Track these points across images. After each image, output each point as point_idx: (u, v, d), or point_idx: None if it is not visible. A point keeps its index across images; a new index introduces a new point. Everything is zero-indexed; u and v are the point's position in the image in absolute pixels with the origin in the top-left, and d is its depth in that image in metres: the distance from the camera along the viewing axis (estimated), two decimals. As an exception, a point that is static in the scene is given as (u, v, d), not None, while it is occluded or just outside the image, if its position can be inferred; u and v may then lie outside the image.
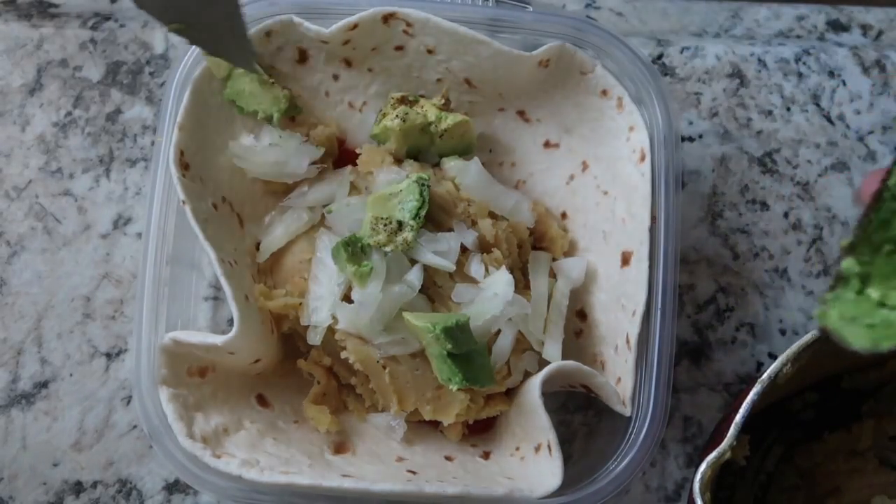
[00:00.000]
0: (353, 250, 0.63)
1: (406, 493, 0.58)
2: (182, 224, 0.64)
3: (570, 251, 0.72)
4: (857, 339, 0.37)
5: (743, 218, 0.78)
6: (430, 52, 0.68)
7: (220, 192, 0.68)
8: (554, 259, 0.71)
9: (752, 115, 0.80)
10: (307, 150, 0.68)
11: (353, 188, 0.69)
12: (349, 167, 0.71)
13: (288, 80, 0.70)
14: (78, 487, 0.72)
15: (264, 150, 0.68)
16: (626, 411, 0.63)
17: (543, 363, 0.65)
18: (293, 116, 0.70)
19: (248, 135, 0.69)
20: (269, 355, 0.67)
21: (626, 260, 0.66)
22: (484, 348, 0.63)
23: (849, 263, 0.39)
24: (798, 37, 0.84)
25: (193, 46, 0.66)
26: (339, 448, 0.67)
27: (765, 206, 0.78)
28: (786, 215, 0.78)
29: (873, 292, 0.38)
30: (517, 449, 0.65)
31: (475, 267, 0.65)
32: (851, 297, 0.39)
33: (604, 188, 0.69)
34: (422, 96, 0.70)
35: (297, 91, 0.71)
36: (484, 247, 0.67)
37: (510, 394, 0.68)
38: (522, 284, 0.68)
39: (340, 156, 0.73)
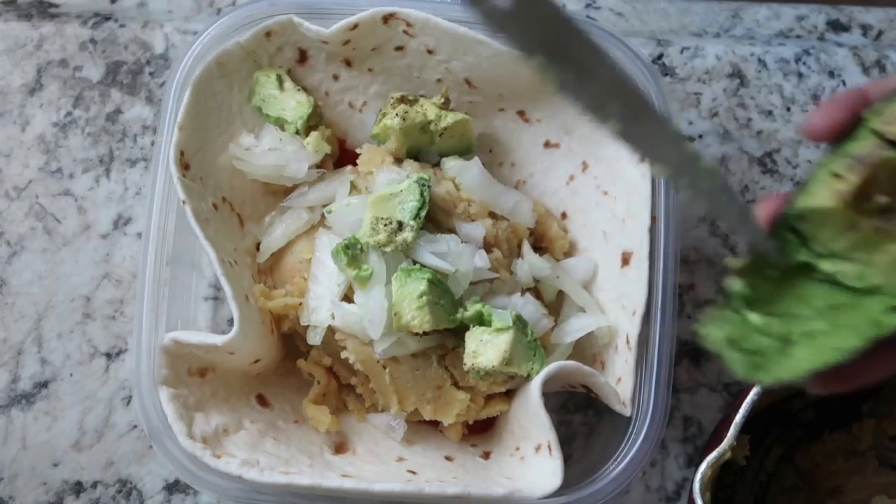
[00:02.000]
0: (353, 253, 0.63)
1: (406, 494, 0.58)
2: (182, 224, 0.64)
3: (570, 251, 0.72)
4: (736, 364, 0.38)
5: (743, 218, 0.78)
6: (430, 52, 0.68)
7: (220, 192, 0.68)
8: (557, 259, 0.71)
9: (752, 116, 0.80)
10: (307, 153, 0.68)
11: (353, 188, 0.69)
12: (349, 167, 0.71)
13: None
14: (78, 487, 0.72)
15: (264, 154, 0.68)
16: (626, 411, 0.63)
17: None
18: (315, 124, 0.70)
19: (248, 134, 0.69)
20: (269, 355, 0.67)
21: (626, 260, 0.66)
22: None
23: (734, 283, 0.39)
24: (798, 37, 0.84)
25: (193, 46, 0.66)
26: (339, 448, 0.67)
27: (765, 206, 0.78)
28: (786, 215, 0.78)
29: (754, 317, 0.39)
30: (517, 449, 0.65)
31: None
32: (734, 317, 0.39)
33: (604, 188, 0.69)
34: (422, 96, 0.70)
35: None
36: (484, 247, 0.67)
37: (510, 394, 0.68)
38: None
39: (340, 156, 0.73)
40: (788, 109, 0.81)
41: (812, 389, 0.39)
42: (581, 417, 0.74)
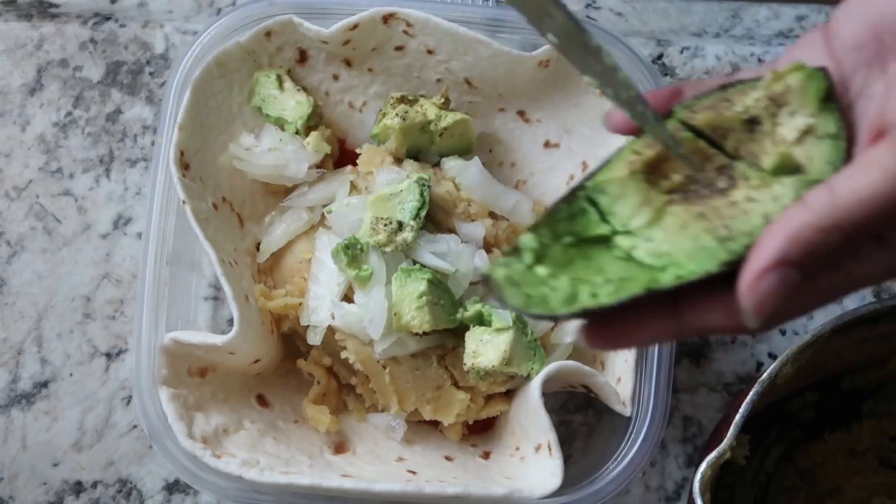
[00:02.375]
0: (353, 253, 0.63)
1: (406, 494, 0.58)
2: (182, 224, 0.64)
3: (570, 251, 0.72)
4: (512, 298, 0.38)
5: (743, 218, 0.78)
6: (430, 52, 0.68)
7: (220, 192, 0.68)
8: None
9: (752, 115, 0.80)
10: (307, 153, 0.68)
11: (353, 188, 0.69)
12: (349, 167, 0.71)
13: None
14: (78, 487, 0.72)
15: (264, 154, 0.68)
16: (626, 411, 0.63)
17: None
18: (315, 124, 0.70)
19: (248, 134, 0.69)
20: (269, 355, 0.67)
21: (626, 260, 0.66)
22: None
23: (528, 239, 0.40)
24: (798, 37, 0.84)
25: (193, 46, 0.66)
26: (339, 448, 0.67)
27: (765, 206, 0.78)
28: (786, 215, 0.78)
29: (542, 270, 0.39)
30: (517, 449, 0.65)
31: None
32: (521, 268, 0.39)
33: (604, 188, 0.69)
34: (422, 96, 0.70)
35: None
36: (484, 247, 0.67)
37: (510, 394, 0.68)
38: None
39: (340, 156, 0.73)
40: (788, 109, 0.81)
41: (582, 343, 0.40)
42: (581, 417, 0.74)
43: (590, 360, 0.69)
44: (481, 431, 0.71)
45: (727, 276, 0.38)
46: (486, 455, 0.68)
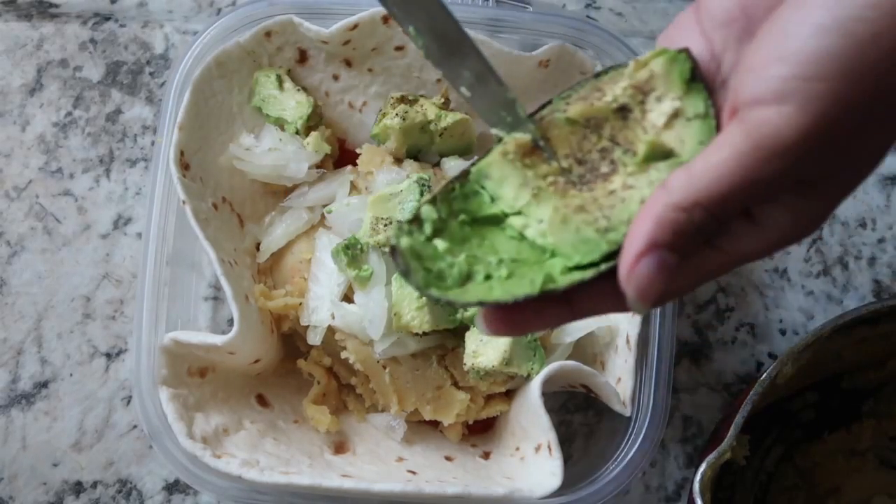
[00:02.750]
0: (353, 253, 0.63)
1: (406, 494, 0.58)
2: (182, 224, 0.64)
3: (570, 251, 0.72)
4: (416, 275, 0.39)
5: (743, 218, 0.78)
6: (430, 52, 0.68)
7: (220, 192, 0.68)
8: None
9: (752, 115, 0.80)
10: (307, 154, 0.68)
11: (353, 188, 0.69)
12: (349, 167, 0.71)
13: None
14: (78, 487, 0.72)
15: (264, 154, 0.68)
16: (626, 411, 0.63)
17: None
18: (315, 124, 0.70)
19: (248, 134, 0.69)
20: (269, 355, 0.67)
21: (626, 260, 0.66)
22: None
23: (428, 210, 0.41)
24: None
25: (193, 46, 0.66)
26: (339, 448, 0.67)
27: (765, 206, 0.78)
28: (786, 215, 0.78)
29: (441, 244, 0.40)
30: (517, 449, 0.65)
31: None
32: (422, 239, 0.40)
33: (604, 188, 0.69)
34: (422, 96, 0.70)
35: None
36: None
37: (510, 394, 0.68)
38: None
39: (340, 156, 0.73)
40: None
41: (482, 329, 0.41)
42: (581, 417, 0.74)
43: (590, 360, 0.69)
44: (481, 431, 0.71)
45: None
46: (486, 455, 0.68)
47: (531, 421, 0.62)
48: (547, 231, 0.41)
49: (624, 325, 0.65)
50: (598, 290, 0.40)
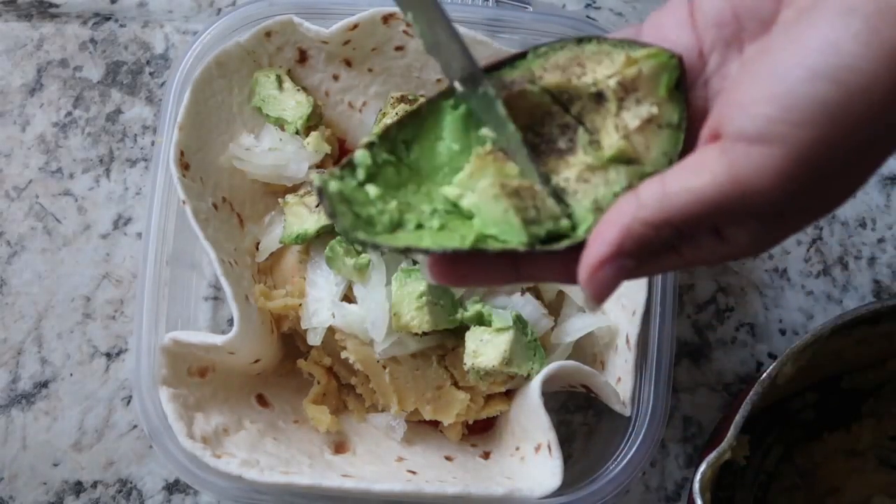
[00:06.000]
0: (348, 245, 0.63)
1: (406, 493, 0.58)
2: (182, 224, 0.64)
3: (570, 251, 0.72)
4: (343, 218, 0.39)
5: (743, 218, 0.78)
6: (430, 52, 0.68)
7: (220, 192, 0.68)
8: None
9: (752, 115, 0.80)
10: (307, 153, 0.68)
11: (353, 188, 0.68)
12: (349, 167, 0.71)
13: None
14: (78, 487, 0.72)
15: (264, 154, 0.68)
16: (626, 411, 0.63)
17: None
18: (315, 124, 0.70)
19: (248, 134, 0.69)
20: (268, 355, 0.67)
21: (626, 260, 0.66)
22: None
23: (362, 155, 0.40)
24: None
25: (193, 46, 0.66)
26: (339, 448, 0.67)
27: (765, 206, 0.78)
28: (786, 215, 0.78)
29: (373, 190, 0.40)
30: (517, 449, 0.65)
31: None
32: (353, 184, 0.40)
33: (604, 188, 0.69)
34: (422, 96, 0.70)
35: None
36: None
37: (510, 394, 0.68)
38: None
39: (340, 156, 0.73)
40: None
41: (424, 276, 0.41)
42: (581, 417, 0.74)
43: (590, 359, 0.69)
44: (481, 431, 0.71)
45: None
46: (486, 455, 0.68)
47: (531, 421, 0.62)
48: (476, 203, 0.40)
49: (624, 325, 0.65)
50: (544, 260, 0.41)
